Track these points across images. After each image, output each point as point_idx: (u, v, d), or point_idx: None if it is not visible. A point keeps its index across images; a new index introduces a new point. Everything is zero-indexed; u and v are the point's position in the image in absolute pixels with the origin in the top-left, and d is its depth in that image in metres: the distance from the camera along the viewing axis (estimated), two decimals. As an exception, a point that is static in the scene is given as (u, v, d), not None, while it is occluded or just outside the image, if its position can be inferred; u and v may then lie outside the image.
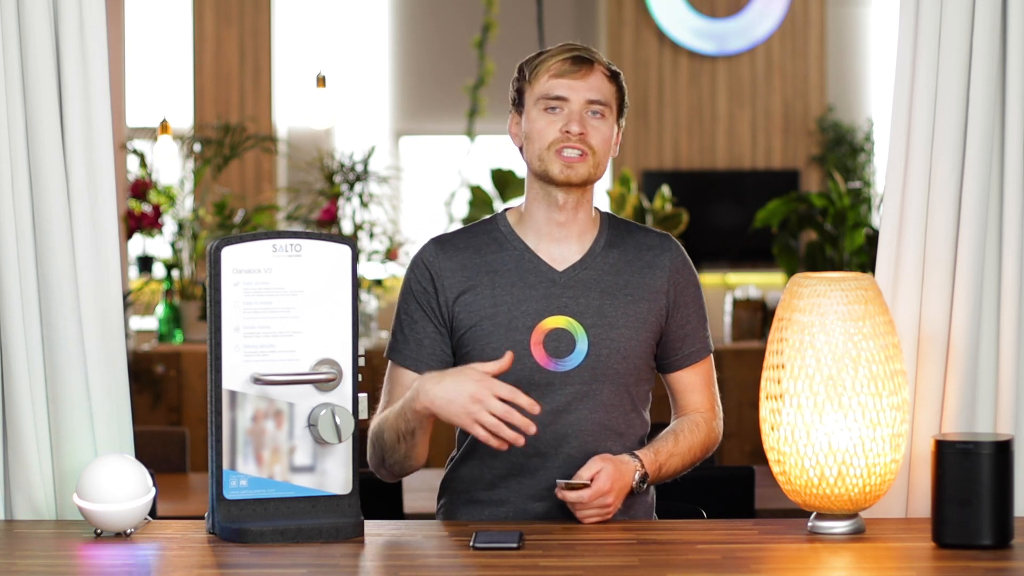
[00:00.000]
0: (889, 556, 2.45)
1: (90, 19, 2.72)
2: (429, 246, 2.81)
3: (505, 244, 2.78)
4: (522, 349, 2.71)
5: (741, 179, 9.69)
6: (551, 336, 2.73)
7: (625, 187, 6.68)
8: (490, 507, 2.76)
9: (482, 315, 2.74)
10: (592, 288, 2.75)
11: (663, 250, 2.81)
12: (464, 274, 2.76)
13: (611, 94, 2.75)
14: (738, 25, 9.60)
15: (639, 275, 2.78)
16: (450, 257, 2.78)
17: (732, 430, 6.12)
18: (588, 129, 2.72)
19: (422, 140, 9.96)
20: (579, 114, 2.72)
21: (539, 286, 2.75)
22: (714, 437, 2.84)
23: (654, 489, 2.87)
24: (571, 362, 2.73)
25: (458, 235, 2.83)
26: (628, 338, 2.75)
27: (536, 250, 2.78)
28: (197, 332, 6.41)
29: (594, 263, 2.77)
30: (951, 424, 2.70)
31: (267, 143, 7.70)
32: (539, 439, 2.68)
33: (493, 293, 2.74)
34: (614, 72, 2.77)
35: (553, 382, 2.72)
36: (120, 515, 2.55)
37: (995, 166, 2.73)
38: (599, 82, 2.74)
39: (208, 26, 9.52)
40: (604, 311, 2.74)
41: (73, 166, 2.71)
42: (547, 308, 2.74)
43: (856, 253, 6.53)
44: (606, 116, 2.74)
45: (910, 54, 2.72)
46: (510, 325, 2.72)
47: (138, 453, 2.74)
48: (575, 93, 2.72)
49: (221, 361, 2.54)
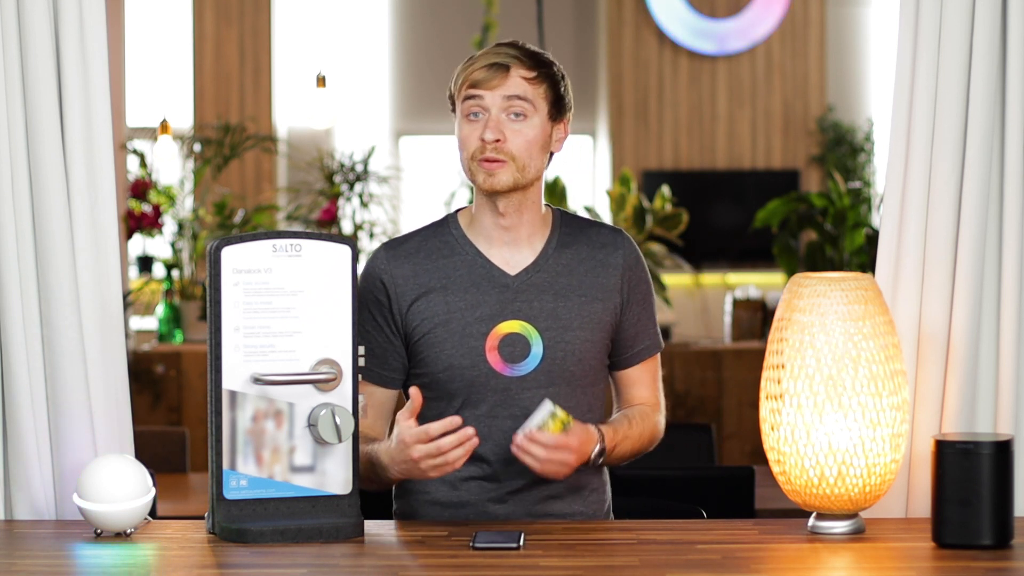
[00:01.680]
0: (889, 556, 2.45)
1: (90, 19, 2.72)
2: (380, 253, 2.79)
3: (457, 249, 2.76)
4: (477, 355, 2.71)
5: (741, 179, 9.69)
6: (506, 341, 2.72)
7: (625, 187, 6.67)
8: (451, 509, 2.76)
9: (436, 322, 2.73)
10: (545, 291, 2.74)
11: (616, 247, 2.79)
12: (416, 280, 2.75)
13: (534, 91, 2.69)
14: (738, 25, 9.60)
15: (592, 274, 2.77)
16: (401, 264, 2.76)
17: (732, 430, 6.17)
18: (506, 134, 2.68)
19: (422, 140, 9.96)
20: (496, 119, 2.68)
21: (492, 291, 2.73)
22: (659, 430, 2.82)
23: (610, 491, 2.86)
24: (527, 366, 2.72)
25: (409, 240, 2.80)
26: (583, 339, 2.74)
27: (488, 255, 2.76)
28: (197, 332, 6.41)
29: (546, 265, 2.76)
30: (951, 424, 2.70)
31: (267, 143, 7.71)
32: (498, 443, 2.71)
33: (446, 299, 2.73)
34: (543, 67, 2.71)
35: (510, 387, 2.72)
36: (120, 515, 2.55)
37: (995, 166, 2.73)
38: (516, 82, 2.68)
39: (208, 26, 9.52)
40: (558, 314, 2.73)
41: (73, 166, 2.71)
42: (501, 313, 2.72)
43: (856, 253, 6.52)
44: (528, 116, 2.69)
45: (910, 54, 2.72)
46: (464, 332, 2.71)
47: (138, 453, 2.74)
48: (492, 98, 2.69)
49: (221, 361, 2.54)
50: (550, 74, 2.72)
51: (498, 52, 2.71)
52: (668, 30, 9.57)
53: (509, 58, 2.70)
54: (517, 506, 2.73)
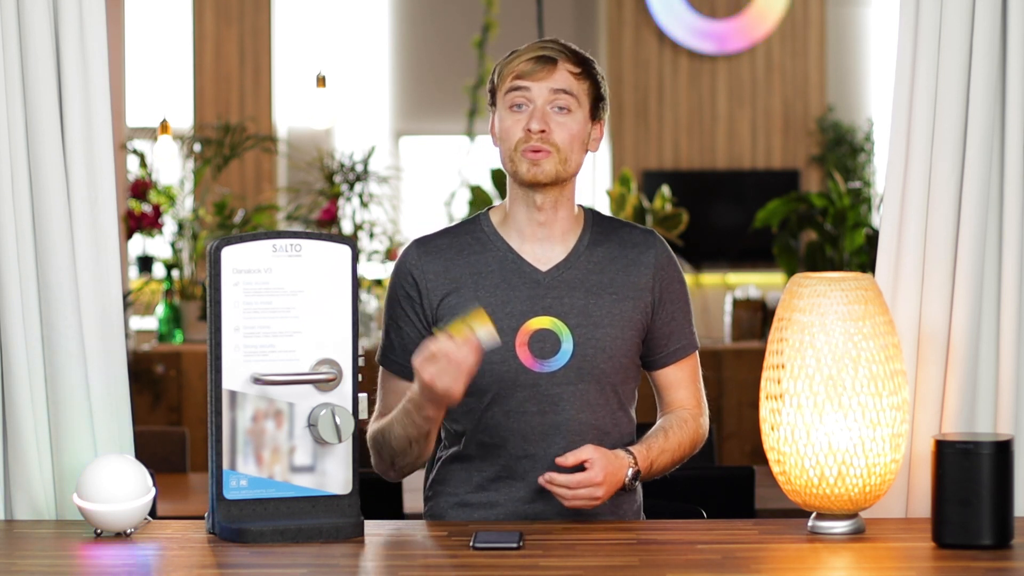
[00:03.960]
0: (889, 556, 2.45)
1: (90, 19, 2.72)
2: (411, 249, 2.80)
3: (488, 245, 2.78)
4: (507, 351, 2.71)
5: (741, 179, 9.70)
6: (536, 337, 2.72)
7: (625, 187, 6.68)
8: (480, 510, 2.76)
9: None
10: (576, 288, 2.74)
11: (647, 247, 2.80)
12: (448, 276, 2.76)
13: (579, 87, 2.73)
14: (738, 25, 9.60)
15: (623, 273, 2.77)
16: (433, 259, 2.77)
17: (732, 430, 6.17)
18: (551, 126, 2.70)
19: (422, 140, 9.96)
20: (541, 111, 2.71)
21: (523, 287, 2.74)
22: (701, 434, 2.83)
23: (641, 490, 2.87)
24: (556, 363, 2.72)
25: (440, 236, 2.81)
26: (613, 337, 2.74)
27: (520, 251, 2.77)
28: (197, 332, 6.41)
29: (578, 262, 2.76)
30: (951, 424, 2.70)
31: (267, 143, 7.71)
32: (527, 440, 2.71)
33: (477, 295, 2.74)
34: (586, 65, 2.74)
35: (539, 383, 2.72)
36: (120, 515, 2.55)
37: (995, 166, 2.73)
38: (563, 76, 2.72)
39: (208, 26, 9.52)
40: (589, 311, 2.73)
41: (73, 166, 2.71)
42: (531, 309, 2.73)
43: (856, 253, 6.53)
44: (572, 110, 2.72)
45: (910, 54, 2.72)
46: (495, 326, 2.71)
47: (138, 453, 2.74)
48: (538, 90, 2.71)
49: (221, 361, 2.54)
50: (592, 73, 2.76)
51: (544, 47, 2.74)
52: (668, 30, 9.57)
53: (556, 52, 2.73)
54: (547, 505, 2.72)
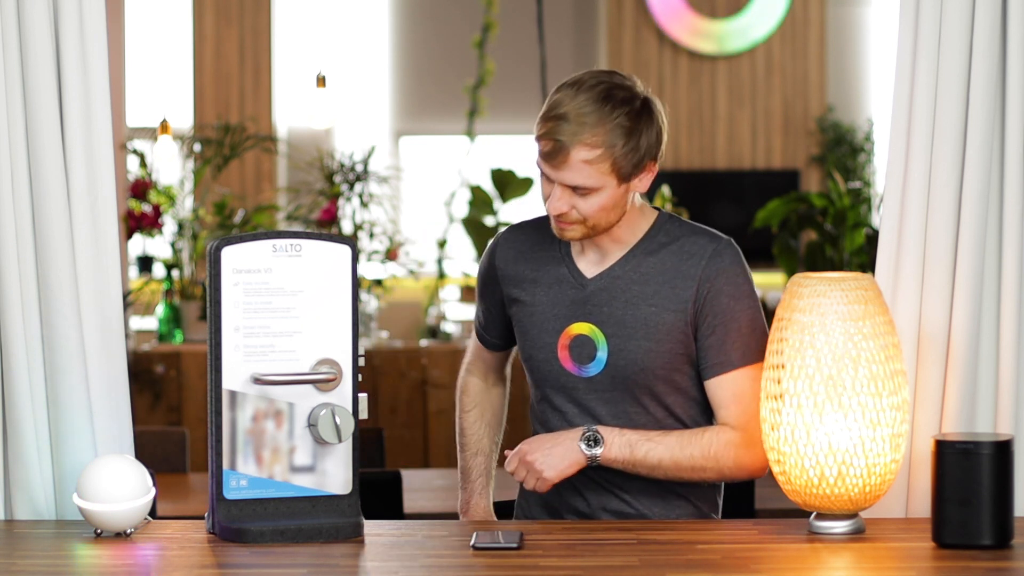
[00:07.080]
0: (889, 556, 2.45)
1: (90, 19, 2.72)
2: (504, 232, 2.88)
3: (554, 245, 2.81)
4: (550, 351, 2.76)
5: (741, 179, 9.69)
6: (576, 342, 2.75)
7: (625, 187, 6.67)
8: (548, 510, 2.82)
9: (524, 311, 2.80)
10: (617, 297, 2.73)
11: (700, 257, 2.72)
12: (516, 267, 2.82)
13: (596, 172, 2.61)
14: (738, 25, 9.60)
15: (668, 285, 2.72)
16: (511, 248, 2.84)
17: (732, 430, 6.16)
18: (572, 206, 2.64)
19: (422, 140, 9.96)
20: (561, 194, 2.63)
21: (569, 292, 2.76)
22: (723, 454, 2.68)
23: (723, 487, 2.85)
24: (592, 369, 2.74)
25: (526, 227, 2.87)
26: (647, 350, 2.71)
27: (576, 255, 2.78)
28: (197, 332, 6.41)
29: (623, 272, 2.74)
30: (951, 424, 2.70)
31: (267, 143, 7.71)
32: None
33: (534, 291, 2.79)
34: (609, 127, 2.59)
35: (578, 387, 2.75)
36: (120, 515, 2.55)
37: (995, 166, 2.73)
38: (576, 168, 2.60)
39: (208, 26, 9.52)
40: (625, 321, 2.72)
41: (73, 166, 2.72)
42: (574, 314, 2.75)
43: (856, 253, 6.52)
44: (596, 189, 2.62)
45: (910, 54, 2.72)
46: (542, 326, 2.77)
47: (138, 453, 2.74)
48: (556, 176, 2.64)
49: (221, 361, 2.54)
50: (613, 142, 2.60)
51: (559, 125, 2.59)
52: (668, 30, 9.57)
53: (570, 133, 2.58)
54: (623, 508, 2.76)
